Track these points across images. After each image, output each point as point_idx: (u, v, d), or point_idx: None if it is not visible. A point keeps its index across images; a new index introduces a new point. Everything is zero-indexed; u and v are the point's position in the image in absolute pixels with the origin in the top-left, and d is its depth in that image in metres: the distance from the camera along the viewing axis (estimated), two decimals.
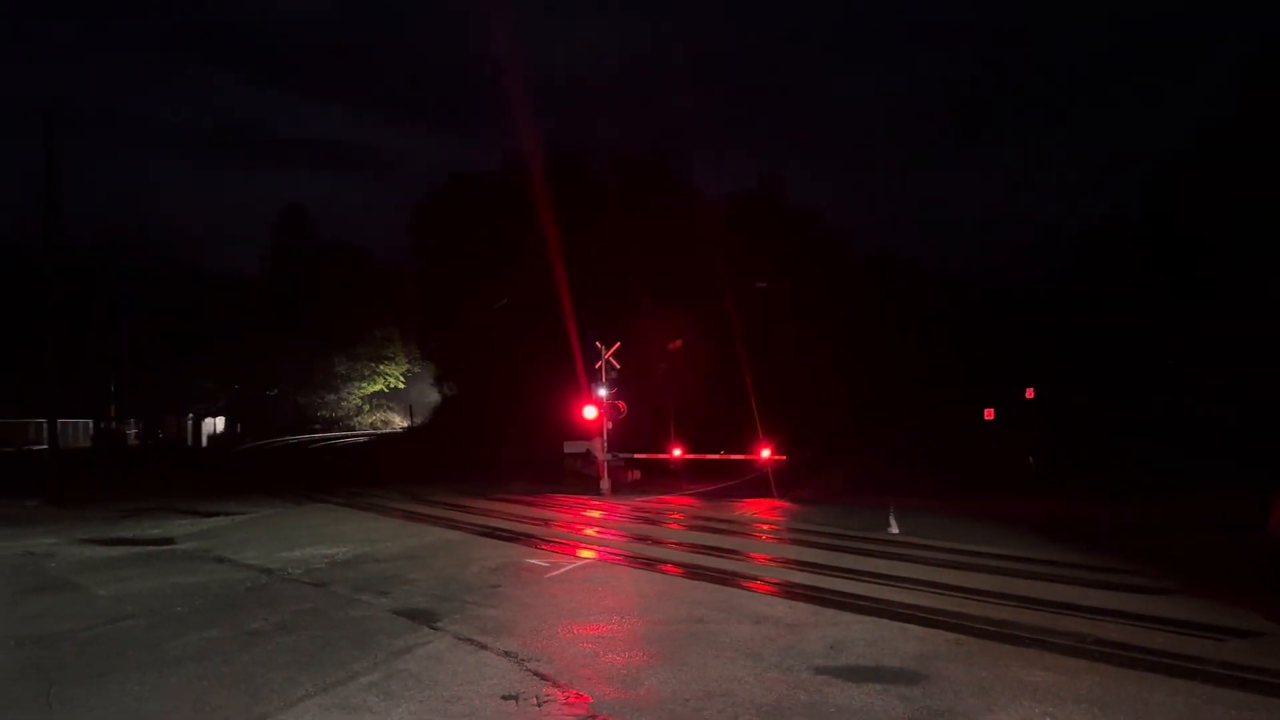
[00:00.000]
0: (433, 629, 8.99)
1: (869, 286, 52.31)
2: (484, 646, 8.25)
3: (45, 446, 30.26)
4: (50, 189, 24.34)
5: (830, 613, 9.50)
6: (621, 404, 27.11)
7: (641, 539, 16.21)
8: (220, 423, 71.78)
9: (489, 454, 39.06)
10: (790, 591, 10.76)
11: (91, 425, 56.34)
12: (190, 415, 65.20)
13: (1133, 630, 8.70)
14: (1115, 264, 48.19)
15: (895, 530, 16.21)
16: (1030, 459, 32.83)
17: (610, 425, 27.10)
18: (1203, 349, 40.41)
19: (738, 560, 13.43)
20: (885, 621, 9.07)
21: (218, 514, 20.67)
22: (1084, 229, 61.50)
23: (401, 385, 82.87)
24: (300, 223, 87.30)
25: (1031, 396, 43.32)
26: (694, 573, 12.14)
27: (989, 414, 42.21)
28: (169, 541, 16.13)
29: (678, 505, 22.37)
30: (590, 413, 27.44)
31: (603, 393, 26.88)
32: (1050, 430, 39.58)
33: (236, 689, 7.05)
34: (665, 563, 13.05)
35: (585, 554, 14.15)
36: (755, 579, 11.72)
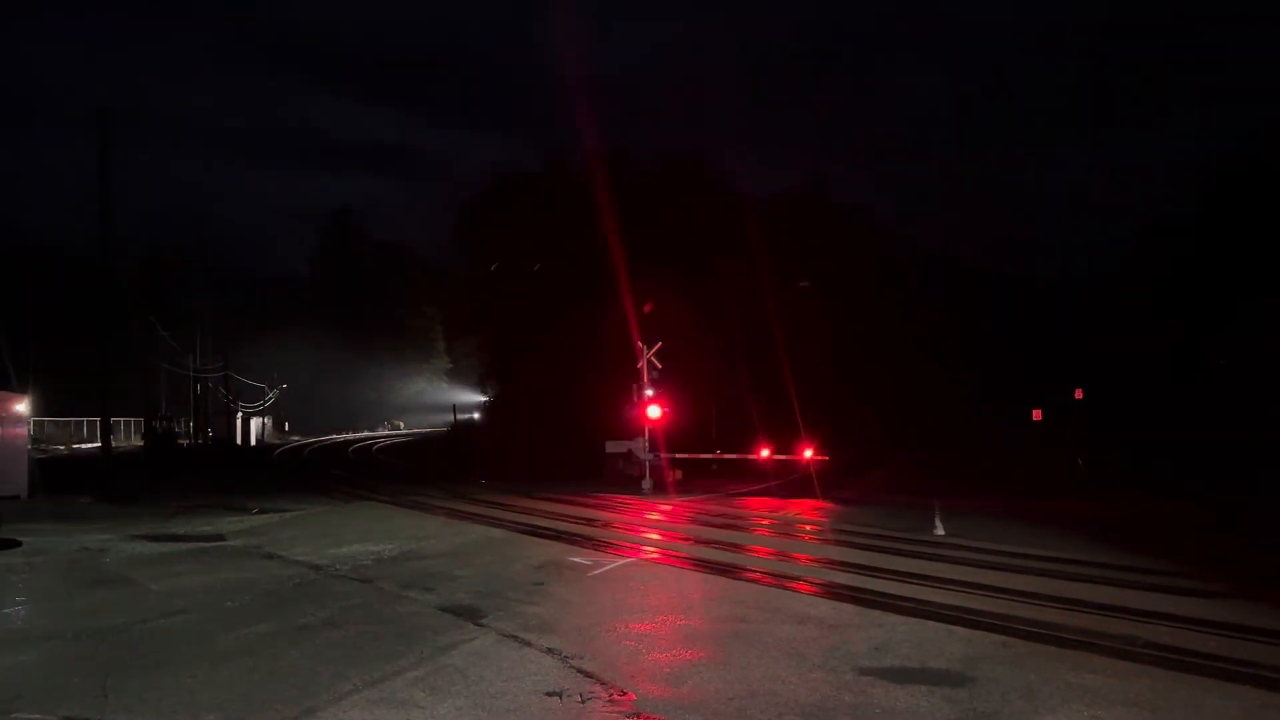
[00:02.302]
0: (477, 625, 9.06)
1: (915, 284, 51.79)
2: (528, 643, 8.30)
3: (97, 445, 30.96)
4: (103, 193, 24.82)
5: (875, 614, 9.44)
6: (664, 404, 27.12)
7: (684, 538, 16.21)
8: (268, 421, 72.83)
9: (531, 453, 39.24)
10: (834, 592, 10.70)
11: (142, 424, 57.39)
12: (239, 413, 66.24)
13: (1185, 633, 8.53)
14: (1169, 263, 47.31)
15: (941, 531, 16.07)
16: (1080, 460, 32.35)
17: (652, 425, 27.13)
18: (1259, 349, 39.56)
19: (781, 560, 13.39)
20: (930, 623, 8.98)
21: (266, 511, 20.99)
22: (1136, 227, 60.37)
23: (445, 384, 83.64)
24: (347, 225, 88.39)
25: (1081, 397, 42.59)
26: (737, 572, 12.12)
27: (1037, 414, 41.61)
28: (219, 538, 16.41)
29: (720, 505, 22.33)
30: (632, 412, 27.50)
31: (645, 393, 26.91)
32: (1101, 431, 38.94)
33: (286, 682, 7.16)
34: (708, 562, 13.03)
35: (628, 553, 14.16)
36: (799, 579, 11.67)
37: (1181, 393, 43.27)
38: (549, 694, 6.81)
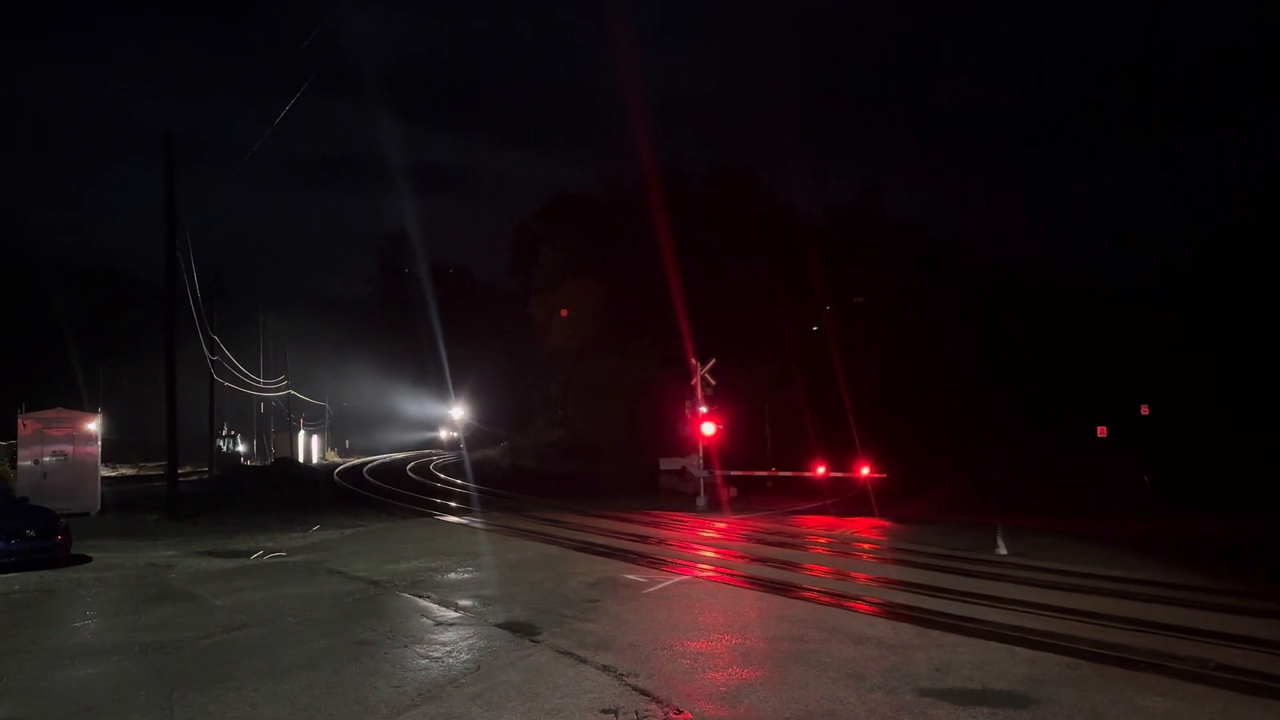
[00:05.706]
0: (533, 642, 9.09)
1: (974, 298, 51.05)
2: (583, 660, 8.31)
3: (163, 463, 31.71)
4: (169, 212, 25.41)
5: (935, 634, 9.29)
6: (717, 420, 27.04)
7: (739, 556, 16.12)
8: (329, 438, 73.97)
9: (586, 469, 39.35)
10: (893, 612, 10.54)
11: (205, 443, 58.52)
12: (300, 431, 67.37)
13: (1258, 656, 8.28)
14: (1237, 275, 46.09)
15: (1003, 551, 15.78)
16: (1146, 478, 31.61)
17: (706, 442, 27.05)
18: None
19: (838, 579, 13.25)
20: (993, 644, 8.81)
21: (327, 527, 21.32)
22: (1202, 239, 58.93)
23: (501, 402, 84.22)
24: (405, 247, 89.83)
25: (1147, 413, 41.63)
26: (793, 591, 12.02)
27: (1102, 431, 40.76)
28: (281, 554, 16.69)
29: (776, 523, 22.17)
30: (685, 429, 27.47)
31: (699, 409, 26.85)
32: (1167, 448, 37.98)
33: (347, 697, 7.24)
34: (764, 580, 12.93)
35: (683, 570, 14.12)
36: (857, 599, 11.53)
37: (1252, 408, 42.05)
38: (605, 711, 6.80)
